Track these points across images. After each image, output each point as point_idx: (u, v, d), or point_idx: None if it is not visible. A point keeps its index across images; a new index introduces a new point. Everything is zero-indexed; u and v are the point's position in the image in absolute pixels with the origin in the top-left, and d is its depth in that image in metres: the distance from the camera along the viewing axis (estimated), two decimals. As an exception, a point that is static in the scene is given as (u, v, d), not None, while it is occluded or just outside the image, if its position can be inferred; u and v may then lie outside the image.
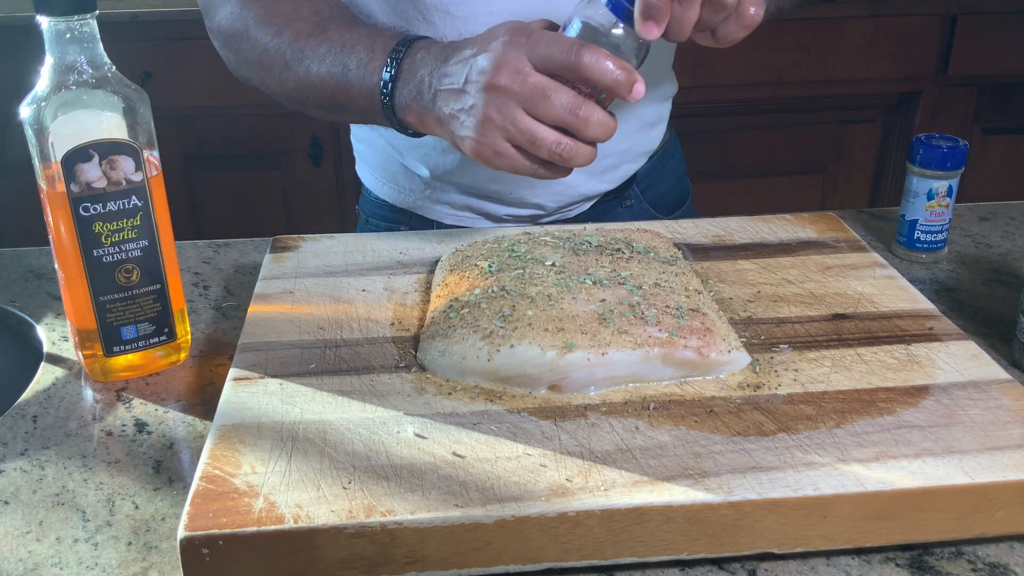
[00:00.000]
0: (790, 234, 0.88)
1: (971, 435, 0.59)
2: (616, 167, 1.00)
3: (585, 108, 0.69)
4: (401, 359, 0.68)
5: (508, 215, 1.01)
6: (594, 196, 1.02)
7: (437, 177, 0.99)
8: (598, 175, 0.99)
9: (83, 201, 0.66)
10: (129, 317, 0.70)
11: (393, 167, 1.03)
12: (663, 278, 0.71)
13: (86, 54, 0.65)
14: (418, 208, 1.03)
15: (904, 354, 0.68)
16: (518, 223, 1.01)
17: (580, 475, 0.55)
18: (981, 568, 0.55)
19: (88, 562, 0.56)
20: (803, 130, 2.17)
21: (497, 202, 1.00)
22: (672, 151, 1.11)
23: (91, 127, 0.65)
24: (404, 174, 1.02)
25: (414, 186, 1.02)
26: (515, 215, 1.01)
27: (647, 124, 1.03)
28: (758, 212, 0.93)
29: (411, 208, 1.04)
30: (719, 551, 0.55)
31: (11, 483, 0.62)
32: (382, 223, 1.07)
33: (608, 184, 1.01)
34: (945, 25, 2.08)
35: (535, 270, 0.71)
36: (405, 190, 1.03)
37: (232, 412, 0.62)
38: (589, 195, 1.01)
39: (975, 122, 2.19)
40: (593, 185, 1.00)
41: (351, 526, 0.52)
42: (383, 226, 1.07)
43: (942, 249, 0.92)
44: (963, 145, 0.88)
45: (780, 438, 0.59)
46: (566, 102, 0.69)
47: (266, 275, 0.81)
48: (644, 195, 1.06)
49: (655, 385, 0.65)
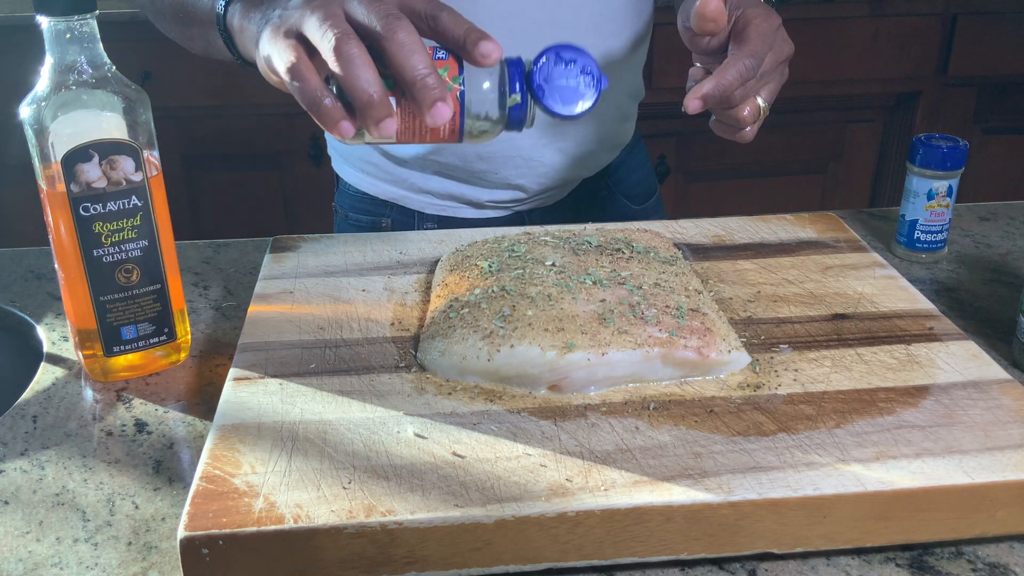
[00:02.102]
0: (790, 234, 0.88)
1: (971, 435, 0.59)
2: (595, 154, 1.03)
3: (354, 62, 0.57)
4: (401, 359, 0.68)
5: (491, 201, 1.01)
6: (573, 181, 1.04)
7: (417, 157, 0.98)
8: (579, 161, 1.01)
9: (83, 201, 0.66)
10: (129, 317, 0.70)
11: (373, 156, 1.03)
12: (663, 278, 0.71)
13: (86, 54, 0.65)
14: (399, 199, 1.03)
15: (904, 354, 0.68)
16: (499, 209, 1.03)
17: (580, 475, 0.55)
18: (981, 568, 0.55)
19: (88, 562, 0.56)
20: (803, 130, 2.17)
21: (479, 185, 1.00)
22: (638, 147, 1.15)
23: (91, 127, 0.65)
24: (382, 161, 1.02)
25: (391, 173, 1.02)
26: (497, 200, 1.01)
27: (622, 117, 1.06)
28: (758, 212, 0.93)
29: (392, 199, 1.04)
30: (719, 551, 0.55)
31: (11, 483, 0.62)
32: (363, 217, 1.07)
33: (587, 171, 1.04)
34: (945, 25, 2.09)
35: (535, 270, 0.71)
36: (382, 178, 1.03)
37: (232, 412, 0.62)
38: (569, 179, 1.03)
39: (975, 122, 2.19)
40: (574, 170, 1.02)
41: (351, 526, 0.52)
42: (364, 220, 1.07)
43: (942, 249, 0.92)
44: (963, 145, 0.88)
45: (780, 438, 0.59)
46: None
47: (266, 275, 0.81)
48: (617, 187, 1.10)
49: (655, 385, 0.65)
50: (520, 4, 0.90)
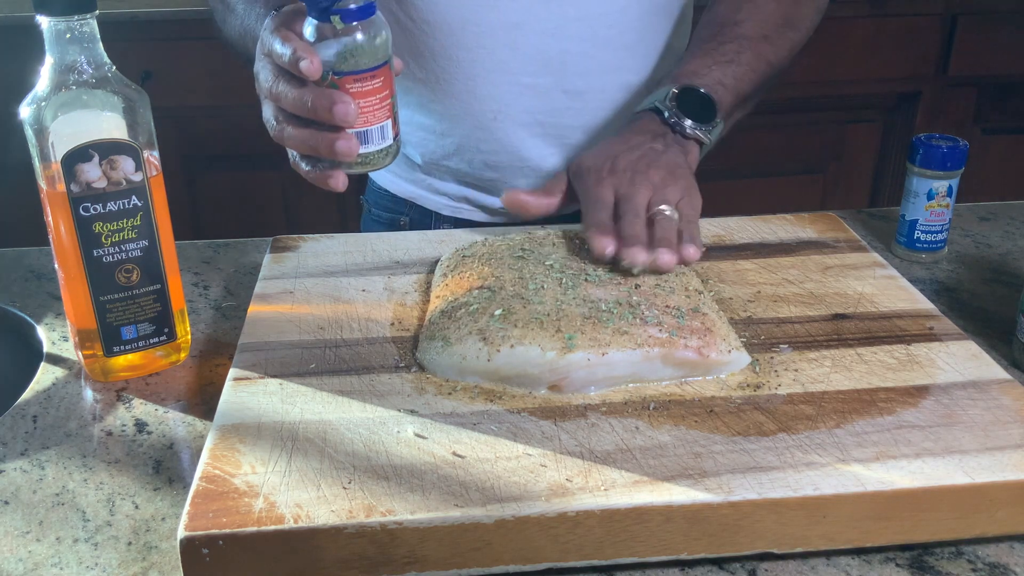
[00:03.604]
0: (790, 234, 0.88)
1: (971, 435, 0.59)
2: None
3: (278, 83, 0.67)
4: (401, 359, 0.68)
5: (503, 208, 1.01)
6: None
7: (430, 163, 1.00)
8: None
9: (83, 201, 0.66)
10: (129, 317, 0.70)
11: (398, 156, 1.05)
12: (663, 278, 0.71)
13: (86, 54, 0.65)
14: (417, 198, 1.04)
15: (904, 354, 0.68)
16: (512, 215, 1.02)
17: (580, 475, 0.55)
18: (981, 568, 0.55)
19: (88, 562, 0.56)
20: (803, 130, 2.17)
21: (491, 192, 1.00)
22: None
23: (91, 127, 0.65)
24: (402, 160, 1.04)
25: (412, 174, 1.04)
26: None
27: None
28: (758, 212, 0.93)
29: (411, 198, 1.05)
30: (719, 551, 0.55)
31: (11, 483, 0.62)
32: (384, 213, 1.09)
33: None
34: (945, 25, 2.08)
35: (535, 270, 0.71)
36: (403, 177, 1.05)
37: (232, 412, 0.62)
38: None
39: (975, 122, 2.19)
40: None
41: (351, 526, 0.52)
42: (385, 216, 1.09)
43: (942, 249, 0.92)
44: (963, 145, 0.88)
45: (780, 438, 0.59)
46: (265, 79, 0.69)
47: (266, 275, 0.81)
48: None
49: (655, 385, 0.65)
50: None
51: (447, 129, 0.96)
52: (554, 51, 0.90)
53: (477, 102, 0.93)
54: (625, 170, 0.76)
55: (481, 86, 0.92)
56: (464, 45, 0.91)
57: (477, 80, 0.92)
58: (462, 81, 0.92)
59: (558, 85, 0.92)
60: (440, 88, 0.94)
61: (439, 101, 0.95)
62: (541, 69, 0.91)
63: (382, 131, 0.69)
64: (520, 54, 0.90)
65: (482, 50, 0.90)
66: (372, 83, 0.66)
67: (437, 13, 0.90)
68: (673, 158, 0.78)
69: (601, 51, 0.92)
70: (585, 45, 0.91)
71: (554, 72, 0.91)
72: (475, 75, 0.92)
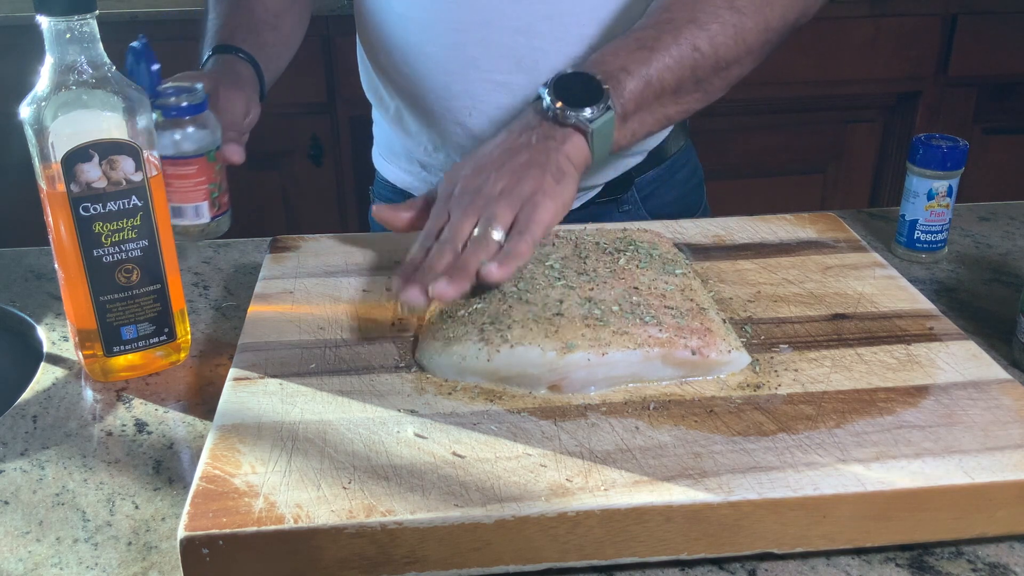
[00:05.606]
0: (790, 234, 0.88)
1: (971, 435, 0.59)
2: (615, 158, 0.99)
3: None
4: (401, 359, 0.68)
5: None
6: (591, 188, 1.01)
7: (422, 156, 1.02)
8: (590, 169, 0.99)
9: (83, 201, 0.66)
10: (129, 317, 0.70)
11: (396, 147, 1.06)
12: (663, 278, 0.71)
13: (86, 54, 0.65)
14: (417, 190, 1.05)
15: (904, 354, 0.68)
16: None
17: (580, 475, 0.55)
18: (981, 568, 0.55)
19: (88, 562, 0.56)
20: (803, 130, 2.17)
21: None
22: (683, 160, 1.08)
23: (91, 127, 0.65)
24: (402, 152, 1.05)
25: (411, 166, 1.05)
26: None
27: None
28: (758, 212, 0.93)
29: (411, 189, 1.06)
30: (719, 551, 0.55)
31: (11, 483, 0.62)
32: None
33: (604, 176, 1.01)
34: (945, 25, 2.08)
35: (535, 270, 0.71)
36: (404, 169, 1.06)
37: (232, 412, 0.62)
38: (585, 186, 1.00)
39: (975, 122, 2.19)
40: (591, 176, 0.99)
41: (351, 526, 0.52)
42: None
43: (942, 249, 0.92)
44: (963, 145, 0.88)
45: (780, 438, 0.59)
46: None
47: (266, 275, 0.81)
48: (644, 203, 1.04)
49: (655, 385, 0.65)
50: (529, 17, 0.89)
51: (431, 123, 0.98)
52: (525, 49, 0.90)
53: (453, 98, 0.94)
54: (464, 192, 0.72)
55: (456, 82, 0.93)
56: (437, 42, 0.91)
57: (452, 76, 0.93)
58: (439, 76, 0.93)
59: (531, 83, 0.91)
60: (422, 84, 0.95)
61: (422, 96, 0.96)
62: (513, 67, 0.91)
63: (196, 210, 0.81)
64: (492, 52, 0.90)
65: (454, 47, 0.91)
66: (186, 169, 0.79)
67: (413, 7, 0.91)
68: (536, 156, 0.73)
69: (573, 49, 0.91)
70: (557, 43, 0.90)
71: (526, 70, 0.91)
72: (450, 71, 0.92)
